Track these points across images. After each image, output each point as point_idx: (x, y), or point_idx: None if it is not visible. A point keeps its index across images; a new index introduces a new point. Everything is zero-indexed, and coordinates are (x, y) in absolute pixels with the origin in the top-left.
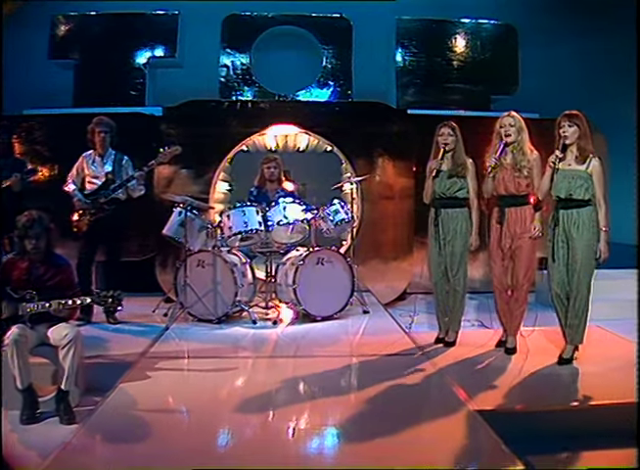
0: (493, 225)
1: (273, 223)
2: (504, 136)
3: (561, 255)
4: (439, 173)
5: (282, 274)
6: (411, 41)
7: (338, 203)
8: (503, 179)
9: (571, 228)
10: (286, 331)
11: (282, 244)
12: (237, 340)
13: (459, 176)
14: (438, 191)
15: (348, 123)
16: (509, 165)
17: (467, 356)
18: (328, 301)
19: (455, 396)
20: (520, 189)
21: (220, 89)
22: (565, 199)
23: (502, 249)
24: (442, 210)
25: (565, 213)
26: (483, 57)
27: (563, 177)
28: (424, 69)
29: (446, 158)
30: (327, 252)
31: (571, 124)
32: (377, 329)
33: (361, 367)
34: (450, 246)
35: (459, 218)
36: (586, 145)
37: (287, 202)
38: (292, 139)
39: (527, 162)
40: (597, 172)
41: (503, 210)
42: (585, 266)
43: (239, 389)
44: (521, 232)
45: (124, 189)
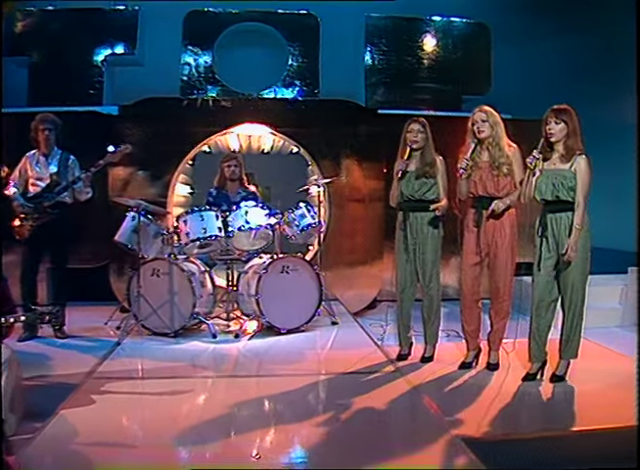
0: (468, 229)
1: (234, 229)
2: (477, 132)
3: (549, 264)
4: (407, 174)
5: (244, 284)
6: (380, 39)
7: (304, 207)
8: (481, 179)
9: (561, 234)
10: (248, 345)
11: (244, 251)
12: (195, 356)
13: (428, 176)
14: (406, 193)
15: (316, 123)
16: (486, 164)
17: (445, 372)
18: (293, 312)
19: (433, 418)
20: (500, 189)
21: (182, 88)
22: (552, 202)
23: (477, 255)
24: (411, 213)
25: (553, 218)
26: (455, 56)
27: (547, 178)
28: (393, 68)
29: (414, 157)
30: (292, 259)
31: (558, 121)
32: (346, 342)
33: (330, 386)
34: (420, 252)
35: (429, 223)
36: (574, 143)
37: (249, 206)
38: (256, 140)
39: (506, 157)
40: (581, 171)
41: (480, 212)
42: (580, 275)
43: (195, 414)
44: (500, 238)
45: (70, 191)
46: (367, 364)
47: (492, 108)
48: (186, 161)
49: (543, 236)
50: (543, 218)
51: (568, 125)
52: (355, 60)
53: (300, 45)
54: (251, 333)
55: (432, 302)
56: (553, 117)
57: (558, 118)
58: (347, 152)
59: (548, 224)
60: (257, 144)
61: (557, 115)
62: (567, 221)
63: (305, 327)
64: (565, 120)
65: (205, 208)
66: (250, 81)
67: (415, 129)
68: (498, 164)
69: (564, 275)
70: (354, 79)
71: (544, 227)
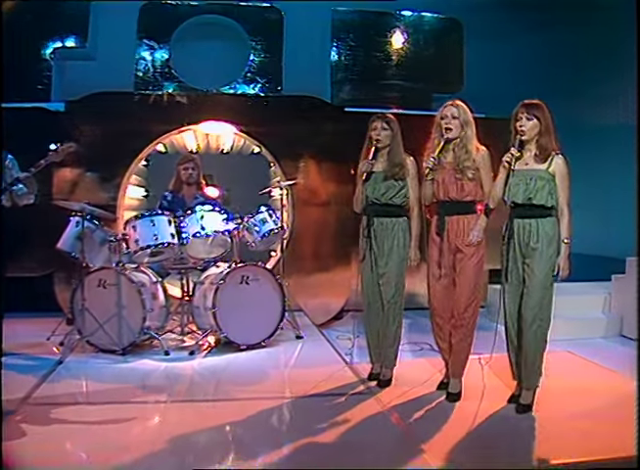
0: (431, 237)
1: (188, 235)
2: (444, 130)
3: (514, 275)
4: (372, 175)
5: (200, 295)
6: (347, 34)
7: (265, 211)
8: (443, 182)
9: (529, 242)
10: (204, 363)
11: (199, 259)
12: (145, 376)
13: (396, 178)
14: (371, 196)
15: (278, 121)
16: (449, 166)
17: (421, 393)
18: (254, 326)
19: (408, 446)
20: (463, 194)
21: (136, 84)
22: (522, 205)
23: (441, 266)
24: (376, 219)
25: (521, 224)
26: (426, 53)
27: (519, 179)
28: (361, 64)
29: (381, 157)
30: (252, 268)
31: (529, 117)
32: (312, 358)
33: (294, 409)
34: (384, 263)
35: (396, 229)
36: (548, 142)
37: (205, 210)
38: (214, 139)
39: (472, 161)
40: (561, 172)
41: (443, 218)
42: (545, 291)
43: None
44: (464, 246)
45: (8, 194)
46: (335, 384)
47: (466, 105)
48: (138, 161)
49: (509, 244)
50: (510, 224)
51: (540, 122)
52: (321, 56)
53: (263, 40)
54: (207, 349)
55: (391, 319)
56: (524, 112)
57: (529, 114)
58: (312, 152)
59: (515, 230)
60: (216, 143)
61: (528, 110)
62: (536, 229)
63: (267, 342)
64: (537, 116)
65: (157, 212)
66: (209, 77)
67: (378, 127)
68: (462, 167)
69: (527, 287)
70: (320, 76)
71: (511, 233)
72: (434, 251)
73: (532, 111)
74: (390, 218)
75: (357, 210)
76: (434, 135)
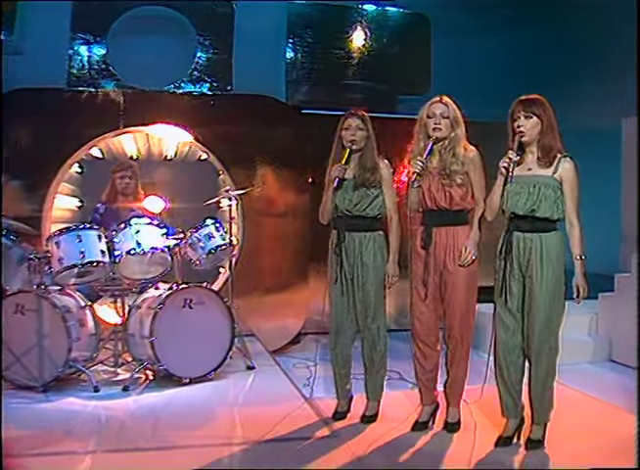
0: (416, 252)
1: (122, 252)
2: (431, 130)
3: (512, 297)
4: (343, 183)
5: (135, 321)
6: (305, 30)
7: (211, 224)
8: (429, 189)
9: (530, 260)
10: (140, 401)
11: (135, 280)
12: (70, 418)
13: (371, 186)
14: (342, 207)
15: (228, 123)
16: (435, 170)
17: (395, 436)
18: (198, 356)
19: None
20: (452, 202)
21: (70, 81)
22: (523, 217)
23: (427, 284)
24: (347, 233)
25: (522, 239)
26: (390, 50)
27: (520, 187)
28: (319, 62)
29: (353, 161)
30: (197, 290)
31: (528, 115)
32: (266, 393)
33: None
34: (360, 283)
35: (371, 245)
36: (552, 143)
37: (141, 223)
38: (156, 143)
39: (460, 164)
40: (569, 178)
41: (430, 230)
42: (550, 315)
43: None
44: (454, 262)
45: None
46: (294, 426)
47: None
48: (67, 167)
49: (507, 260)
50: (509, 237)
51: (541, 120)
52: (275, 53)
53: (212, 35)
54: (144, 384)
55: (374, 346)
56: (521, 109)
57: (527, 111)
58: (266, 157)
59: (515, 246)
60: (159, 148)
61: (526, 107)
62: (539, 245)
63: (214, 375)
64: (536, 114)
65: (85, 226)
66: (151, 75)
67: (353, 125)
68: (449, 171)
69: (530, 313)
70: (274, 75)
71: (508, 248)
72: (419, 267)
73: (531, 107)
74: (364, 233)
75: (324, 221)
76: (418, 136)
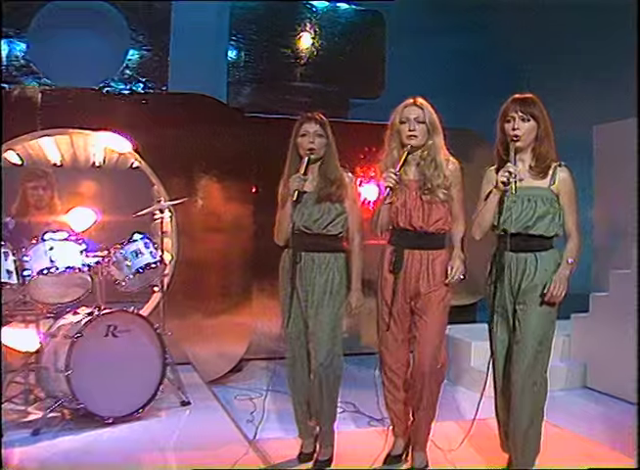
0: (383, 276)
1: (32, 272)
2: (406, 137)
3: (503, 325)
4: (301, 196)
5: (49, 352)
6: (249, 27)
7: (140, 240)
8: (404, 206)
9: (522, 282)
10: (55, 447)
11: (49, 304)
12: None
13: (336, 200)
14: (300, 223)
15: (161, 126)
16: (413, 184)
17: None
18: (123, 392)
19: None
20: (431, 222)
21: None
22: (516, 234)
23: (395, 314)
24: (305, 254)
25: (515, 259)
26: (341, 50)
27: (512, 200)
28: (264, 62)
29: (311, 172)
30: (122, 315)
31: (525, 117)
32: (203, 434)
33: None
34: (314, 313)
35: (330, 267)
36: (548, 149)
37: (56, 239)
38: (82, 149)
39: (443, 178)
40: (567, 191)
41: (401, 253)
42: (541, 346)
43: None
44: (429, 290)
45: None
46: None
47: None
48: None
49: (497, 284)
50: (499, 258)
51: (539, 124)
52: (216, 51)
53: (146, 30)
54: (59, 426)
55: (325, 386)
56: (517, 110)
57: (525, 112)
58: (204, 165)
59: (507, 268)
60: (85, 154)
61: (524, 107)
62: (534, 266)
63: (142, 413)
64: (535, 116)
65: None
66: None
67: (311, 131)
68: (431, 186)
69: (521, 344)
70: (215, 75)
71: (500, 271)
72: (387, 292)
73: (530, 108)
74: (324, 253)
75: (280, 241)
76: (389, 144)
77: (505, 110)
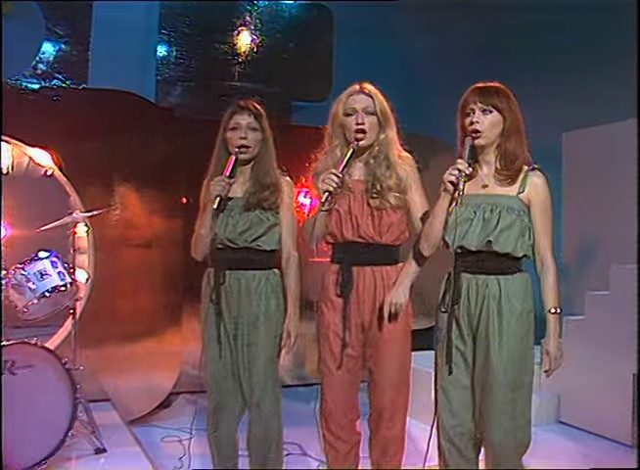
0: (327, 300)
1: None
2: (353, 132)
3: (465, 366)
4: (224, 203)
5: None
6: (181, 21)
7: (46, 258)
8: (349, 213)
9: (485, 313)
10: None
11: None
12: None
13: (265, 208)
14: (224, 235)
15: (79, 127)
16: (359, 186)
17: None
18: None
19: None
20: (384, 231)
21: None
22: (476, 252)
23: (345, 345)
24: (229, 273)
25: (474, 283)
26: (284, 48)
27: (472, 210)
28: (198, 59)
29: (241, 173)
30: (21, 349)
31: (487, 109)
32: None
33: None
34: (245, 342)
35: (263, 289)
36: (517, 148)
37: None
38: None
39: (396, 179)
40: (541, 200)
41: (348, 270)
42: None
43: None
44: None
45: None
46: None
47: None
48: None
49: (452, 313)
50: (455, 281)
51: (505, 117)
52: (145, 47)
53: (64, 22)
54: None
55: (265, 433)
56: (477, 101)
57: (487, 104)
58: (127, 172)
59: (463, 293)
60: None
61: (485, 98)
62: (498, 292)
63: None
64: (499, 108)
65: None
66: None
67: (243, 124)
68: (381, 188)
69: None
70: (142, 73)
71: (456, 297)
72: (333, 321)
73: (492, 99)
74: (255, 272)
75: (198, 256)
76: (331, 142)
77: (464, 101)
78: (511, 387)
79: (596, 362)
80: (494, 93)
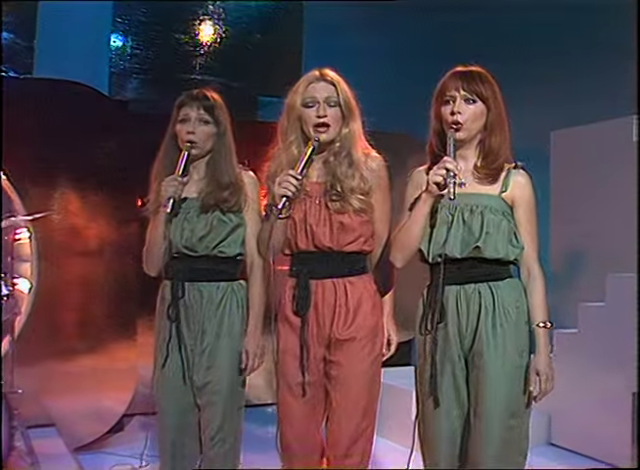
0: (284, 319)
1: None
2: (313, 126)
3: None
4: (182, 205)
5: None
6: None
7: None
8: (305, 219)
9: (478, 325)
10: None
11: None
12: None
13: (225, 210)
14: (180, 242)
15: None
16: (316, 188)
17: None
18: None
19: None
20: (343, 240)
21: None
22: (461, 260)
23: (304, 370)
24: (189, 284)
25: (462, 295)
26: (250, 39)
27: (449, 212)
28: (156, 50)
29: (195, 172)
30: None
31: (470, 97)
32: None
33: None
34: (206, 366)
35: (225, 302)
36: (500, 144)
37: None
38: None
39: (360, 179)
40: (525, 200)
41: (306, 284)
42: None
43: None
44: (349, 335)
45: None
46: None
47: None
48: None
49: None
50: (436, 294)
51: (489, 108)
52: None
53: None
54: None
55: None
56: (460, 88)
57: (469, 92)
58: (75, 172)
59: (450, 308)
60: None
61: (468, 83)
62: (491, 302)
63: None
64: (483, 97)
65: None
66: None
67: (192, 116)
68: (341, 189)
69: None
70: (94, 64)
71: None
72: (290, 342)
73: (476, 86)
74: (218, 283)
75: (152, 270)
76: (286, 137)
77: (442, 87)
78: (507, 412)
79: (590, 380)
80: (479, 79)
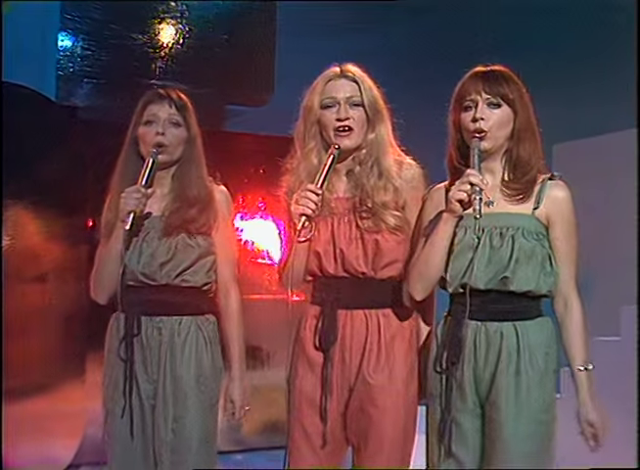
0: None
1: None
2: (334, 131)
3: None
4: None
5: None
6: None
7: None
8: (332, 241)
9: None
10: None
11: None
12: None
13: (192, 232)
14: (137, 267)
15: None
16: (343, 204)
17: None
18: None
19: None
20: (379, 263)
21: None
22: (484, 292)
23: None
24: (146, 319)
25: (484, 334)
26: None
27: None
28: (110, 52)
29: (158, 185)
30: None
31: (495, 101)
32: None
33: None
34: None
35: (192, 340)
36: (531, 154)
37: None
38: None
39: (393, 191)
40: (565, 218)
41: (333, 315)
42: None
43: None
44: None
45: None
46: None
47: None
48: None
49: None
50: (457, 330)
51: (516, 112)
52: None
53: None
54: None
55: None
56: (481, 91)
57: (493, 95)
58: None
59: (469, 347)
60: None
61: (491, 85)
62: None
63: None
64: (509, 101)
65: None
66: None
67: (162, 117)
68: (373, 205)
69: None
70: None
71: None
72: (310, 384)
73: (500, 87)
74: (181, 318)
75: (101, 297)
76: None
77: (461, 91)
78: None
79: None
80: (503, 80)
